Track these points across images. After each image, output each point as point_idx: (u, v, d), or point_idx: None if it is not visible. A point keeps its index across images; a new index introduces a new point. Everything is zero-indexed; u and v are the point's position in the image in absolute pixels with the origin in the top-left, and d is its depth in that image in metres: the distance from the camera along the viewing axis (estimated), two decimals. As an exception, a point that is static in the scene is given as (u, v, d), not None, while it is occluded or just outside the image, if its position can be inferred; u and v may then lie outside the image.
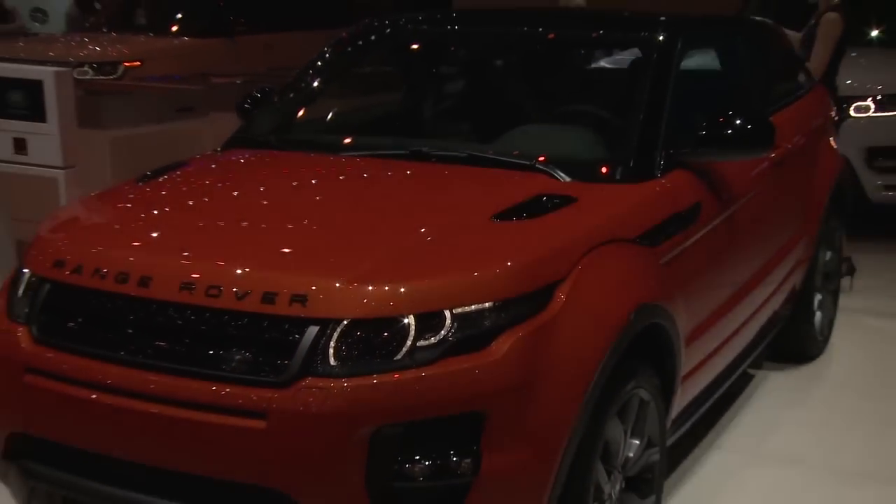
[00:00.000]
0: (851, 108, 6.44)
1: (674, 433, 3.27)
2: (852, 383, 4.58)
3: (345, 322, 2.36)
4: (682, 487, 3.57)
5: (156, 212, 3.08)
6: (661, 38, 3.59)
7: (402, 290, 2.40)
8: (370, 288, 2.40)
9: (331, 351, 2.35)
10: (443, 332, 2.37)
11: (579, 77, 4.22)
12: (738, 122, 3.28)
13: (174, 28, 10.16)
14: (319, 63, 4.03)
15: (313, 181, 3.29)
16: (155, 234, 2.88)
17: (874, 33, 7.44)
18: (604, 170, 3.21)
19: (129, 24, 10.36)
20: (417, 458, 2.36)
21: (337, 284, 2.40)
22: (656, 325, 2.90)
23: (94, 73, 8.85)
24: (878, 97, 6.59)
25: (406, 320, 2.37)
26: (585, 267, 2.65)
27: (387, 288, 2.40)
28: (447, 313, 2.38)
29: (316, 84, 3.99)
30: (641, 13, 3.99)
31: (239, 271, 2.50)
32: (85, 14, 12.50)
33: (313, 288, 2.40)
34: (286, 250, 2.69)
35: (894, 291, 5.83)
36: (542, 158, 3.18)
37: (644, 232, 2.98)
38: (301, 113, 3.95)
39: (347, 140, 3.63)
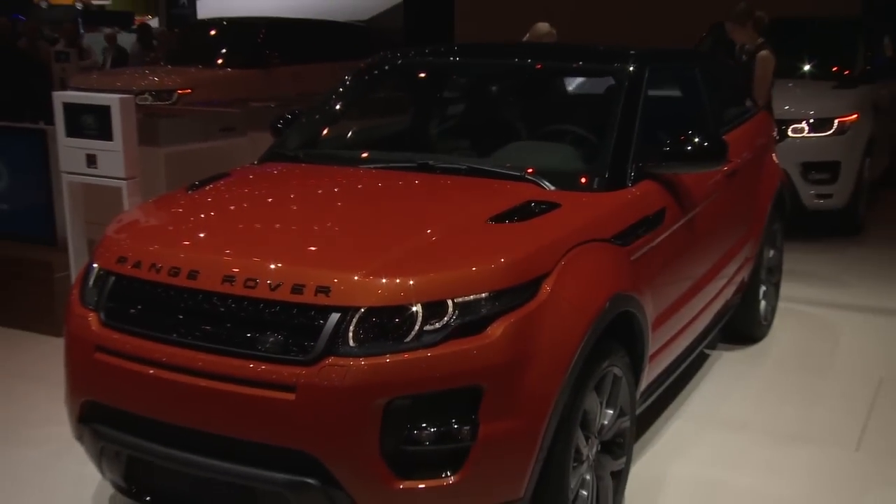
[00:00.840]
0: (789, 130, 6.47)
1: (642, 404, 3.25)
2: (790, 362, 4.56)
3: (362, 310, 2.33)
4: (649, 449, 3.55)
5: (202, 216, 3.05)
6: (631, 68, 3.55)
7: (411, 282, 2.37)
8: (384, 280, 2.37)
9: (350, 334, 2.32)
10: (446, 318, 2.35)
11: (562, 101, 4.18)
12: (696, 140, 3.27)
13: (219, 61, 10.19)
14: (341, 89, 4.00)
15: (335, 189, 3.26)
16: (201, 235, 2.87)
17: (806, 67, 7.47)
18: (583, 180, 3.17)
19: (182, 58, 10.40)
20: (424, 425, 2.33)
21: (356, 277, 2.38)
22: (628, 312, 2.87)
23: (153, 99, 8.90)
24: (811, 120, 6.59)
25: (414, 308, 2.34)
26: (567, 262, 2.62)
27: (398, 280, 2.37)
28: (450, 302, 2.36)
29: (338, 107, 3.96)
30: (615, 46, 3.94)
31: (272, 266, 2.47)
32: (146, 50, 12.56)
33: (335, 280, 2.37)
34: (312, 248, 2.67)
35: (827, 285, 5.80)
36: (530, 170, 3.16)
37: (617, 233, 2.95)
38: (325, 131, 3.92)
39: (364, 154, 3.59)
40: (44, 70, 10.15)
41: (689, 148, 3.25)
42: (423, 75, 4.33)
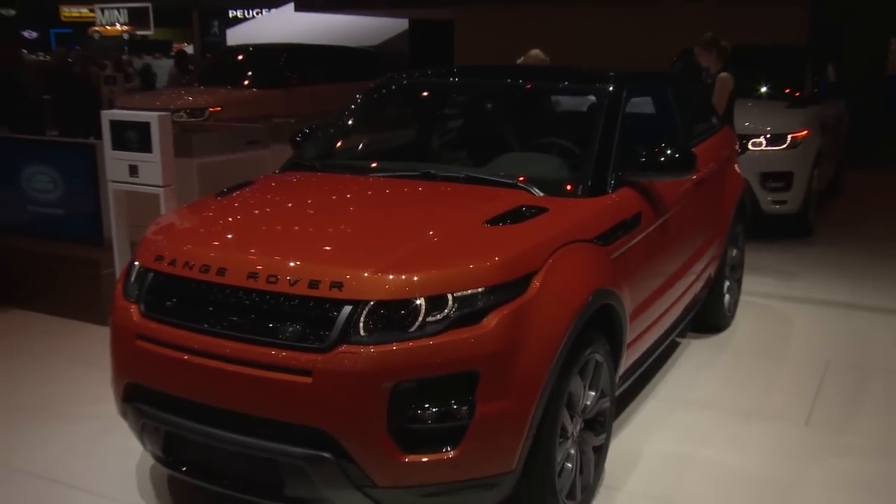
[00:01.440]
0: (749, 143, 6.44)
1: (620, 386, 3.21)
2: (750, 349, 4.53)
3: (371, 303, 2.31)
4: (626, 426, 3.51)
5: (230, 219, 3.01)
6: (610, 88, 3.51)
7: (415, 278, 2.34)
8: (391, 276, 2.34)
9: (361, 324, 2.30)
10: (446, 310, 2.32)
11: (549, 117, 4.14)
12: (668, 151, 3.23)
13: (246, 82, 10.17)
14: (353, 107, 3.96)
15: (347, 195, 3.21)
16: (229, 236, 2.83)
17: (763, 89, 7.49)
18: (568, 187, 3.13)
19: (213, 80, 10.38)
20: (427, 406, 2.30)
21: (366, 274, 2.34)
22: (608, 305, 2.84)
23: (188, 116, 8.87)
24: (768, 135, 6.57)
25: (418, 301, 2.31)
26: (555, 260, 2.59)
27: (403, 276, 2.34)
28: (450, 296, 2.33)
29: (350, 122, 3.91)
30: (596, 69, 3.90)
31: (291, 264, 2.44)
32: (182, 74, 12.56)
33: (347, 276, 2.34)
34: (327, 248, 2.63)
35: (782, 280, 5.77)
36: (521, 178, 3.12)
37: (599, 234, 2.92)
38: (339, 144, 3.87)
39: (373, 164, 3.54)
40: (94, 92, 10.19)
41: (663, 159, 3.22)
42: (425, 94, 4.28)
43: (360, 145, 3.99)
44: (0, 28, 28.36)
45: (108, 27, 28.62)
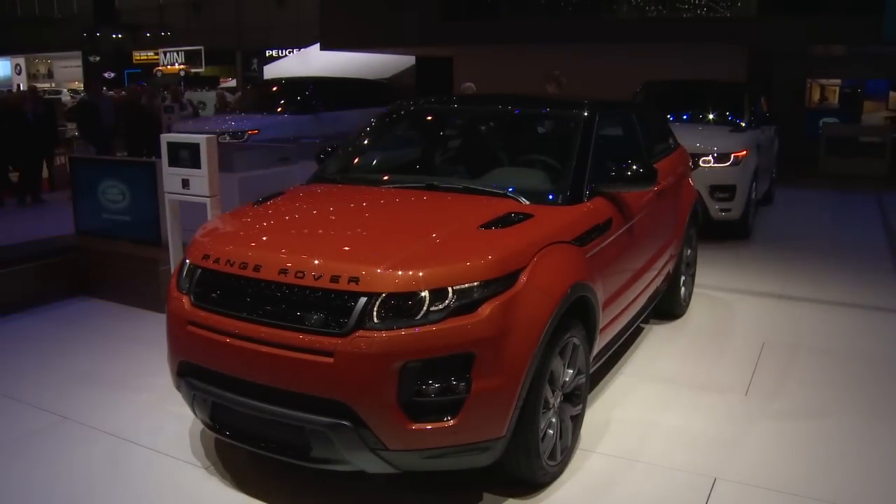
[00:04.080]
0: (700, 161, 6.39)
1: (594, 365, 3.15)
2: (703, 331, 4.47)
3: (383, 295, 2.26)
4: (599, 398, 3.46)
5: (264, 224, 2.96)
6: (585, 113, 3.46)
7: (421, 273, 2.30)
8: (400, 272, 2.30)
9: (374, 313, 2.25)
10: (447, 301, 2.27)
11: (534, 137, 4.07)
12: (634, 167, 3.19)
13: (279, 109, 10.13)
14: (368, 128, 3.90)
15: (364, 204, 3.15)
16: (263, 238, 2.77)
17: (711, 117, 7.43)
18: (550, 196, 3.08)
19: (252, 107, 10.35)
20: (430, 382, 2.26)
21: (378, 270, 2.30)
22: (584, 296, 2.78)
23: (231, 137, 8.81)
24: (715, 154, 6.50)
25: (423, 293, 2.27)
26: (539, 259, 2.54)
27: (410, 272, 2.30)
28: (450, 289, 2.29)
29: (366, 142, 3.85)
30: (573, 97, 3.83)
31: (316, 262, 2.40)
32: (225, 95, 12.51)
33: (363, 273, 2.30)
34: (346, 248, 2.58)
35: (728, 275, 5.70)
36: (511, 189, 3.07)
37: (576, 236, 2.86)
38: (356, 160, 3.81)
39: (385, 177, 3.48)
40: (156, 119, 10.27)
41: (629, 173, 3.17)
42: (429, 118, 4.22)
43: (374, 161, 3.93)
44: (88, 70, 28.88)
45: (168, 67, 28.76)
